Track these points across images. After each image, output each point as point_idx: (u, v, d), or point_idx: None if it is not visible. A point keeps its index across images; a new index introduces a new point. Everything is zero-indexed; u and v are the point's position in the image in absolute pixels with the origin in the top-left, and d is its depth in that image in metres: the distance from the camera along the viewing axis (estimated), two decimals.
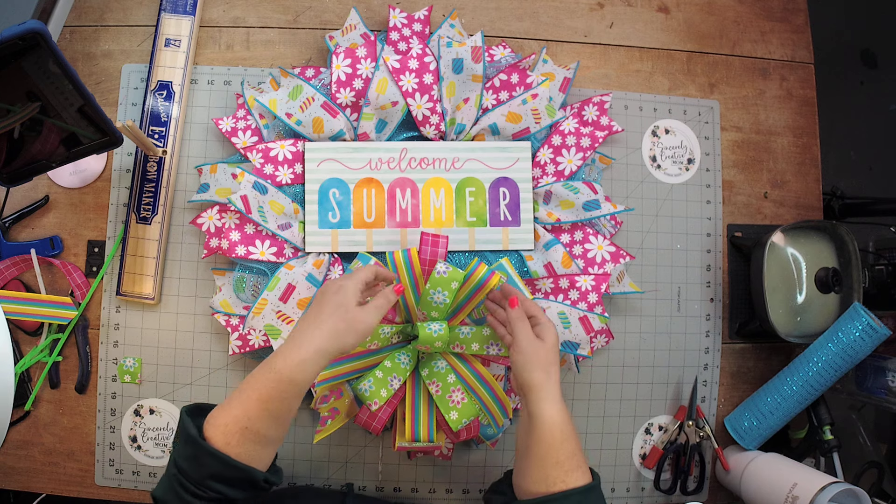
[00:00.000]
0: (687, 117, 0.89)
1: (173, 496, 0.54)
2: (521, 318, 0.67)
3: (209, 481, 0.53)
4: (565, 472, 0.59)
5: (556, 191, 0.80)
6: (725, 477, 0.84)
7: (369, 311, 0.62)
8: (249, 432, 0.55)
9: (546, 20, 0.89)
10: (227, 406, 0.57)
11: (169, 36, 0.82)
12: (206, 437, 0.55)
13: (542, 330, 0.66)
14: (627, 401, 0.85)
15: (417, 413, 0.74)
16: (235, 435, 0.55)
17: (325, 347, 0.59)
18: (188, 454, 0.54)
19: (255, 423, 0.55)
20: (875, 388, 0.86)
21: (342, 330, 0.60)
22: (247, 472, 0.55)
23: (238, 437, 0.55)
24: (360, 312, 0.61)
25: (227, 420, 0.56)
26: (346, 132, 0.79)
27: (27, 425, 0.81)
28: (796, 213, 0.91)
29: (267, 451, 0.58)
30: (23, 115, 0.64)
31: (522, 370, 0.64)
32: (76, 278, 0.80)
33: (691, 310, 0.87)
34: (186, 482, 0.53)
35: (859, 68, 1.87)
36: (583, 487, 0.59)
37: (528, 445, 0.62)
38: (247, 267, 0.78)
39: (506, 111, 0.80)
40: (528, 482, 0.61)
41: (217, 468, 0.54)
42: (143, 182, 0.81)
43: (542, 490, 0.59)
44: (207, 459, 0.54)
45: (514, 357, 0.65)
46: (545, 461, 0.60)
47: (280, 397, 0.56)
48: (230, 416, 0.56)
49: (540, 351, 0.65)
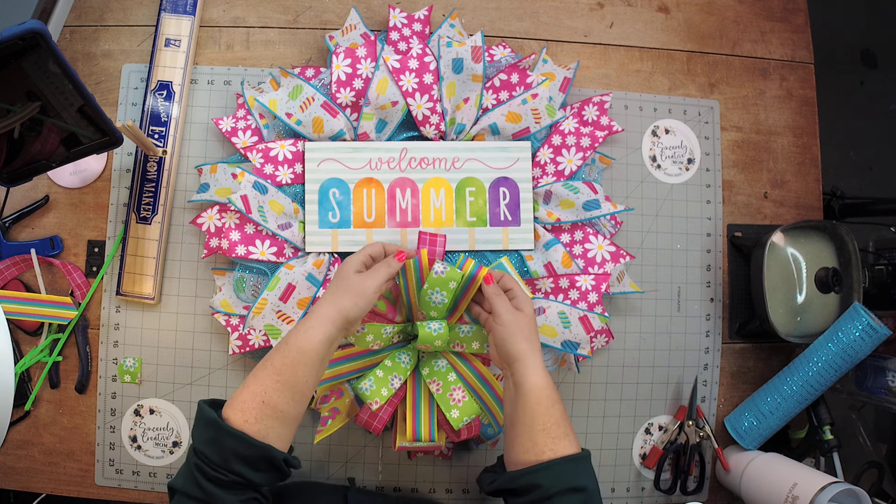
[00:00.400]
0: (687, 117, 0.89)
1: (193, 485, 0.54)
2: (497, 293, 0.69)
3: (230, 463, 0.53)
4: (553, 439, 0.60)
5: (556, 190, 0.80)
6: (725, 477, 0.84)
7: (369, 276, 0.66)
8: (267, 406, 0.56)
9: (546, 20, 0.89)
10: (244, 386, 0.58)
11: (169, 36, 0.82)
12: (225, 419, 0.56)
13: (520, 302, 0.68)
14: (627, 401, 0.85)
15: (418, 412, 0.74)
16: (253, 411, 0.56)
17: (326, 312, 0.62)
18: (208, 437, 0.55)
19: (272, 395, 0.57)
20: (875, 388, 0.86)
21: (341, 293, 0.64)
22: (266, 451, 0.55)
23: (256, 412, 0.56)
24: (358, 277, 0.65)
25: (245, 397, 0.57)
26: (346, 132, 0.79)
27: (27, 425, 0.81)
28: (796, 213, 0.91)
29: (285, 430, 0.58)
30: (23, 115, 0.64)
31: (505, 342, 0.65)
32: (76, 278, 0.80)
33: (691, 310, 0.87)
34: (207, 467, 0.53)
35: (859, 68, 1.87)
36: (572, 456, 0.59)
37: (514, 415, 0.63)
38: (247, 267, 0.78)
39: (506, 111, 0.80)
40: (517, 452, 0.61)
41: (237, 448, 0.54)
42: (143, 182, 0.81)
43: (531, 459, 0.60)
44: (227, 440, 0.54)
45: (496, 329, 0.66)
46: (532, 429, 0.60)
47: (292, 366, 0.58)
48: (248, 393, 0.57)
49: (521, 321, 0.66)
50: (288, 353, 0.59)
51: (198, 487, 0.53)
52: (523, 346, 0.64)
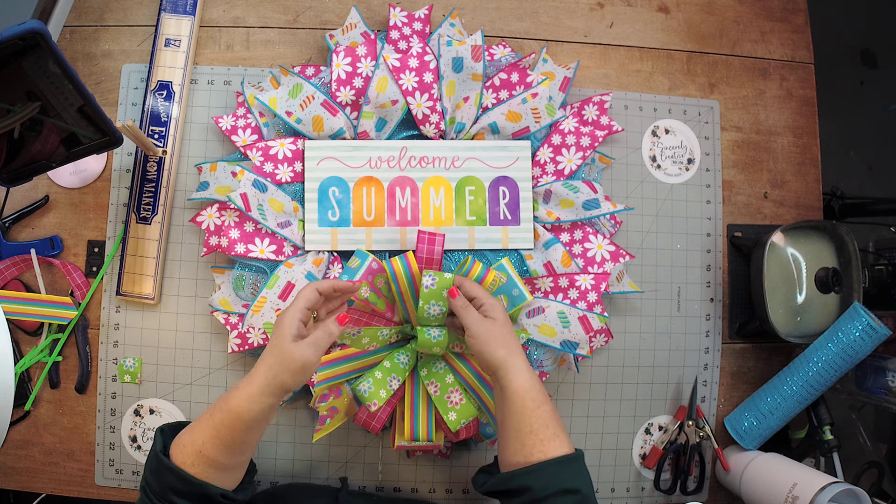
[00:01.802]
0: (687, 117, 0.89)
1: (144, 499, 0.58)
2: (464, 305, 0.67)
3: (168, 494, 0.57)
4: (541, 440, 0.59)
5: (555, 190, 0.80)
6: (725, 477, 0.84)
7: (307, 346, 0.59)
8: (203, 456, 0.58)
9: (546, 20, 0.89)
10: (190, 428, 0.60)
11: (169, 36, 0.82)
12: (170, 455, 0.59)
13: (489, 309, 0.66)
14: (627, 401, 0.85)
15: (416, 413, 0.74)
16: (191, 456, 0.58)
17: (264, 385, 0.58)
18: (152, 467, 0.59)
19: (208, 449, 0.58)
20: (875, 388, 0.86)
21: (276, 367, 0.58)
22: (202, 488, 0.57)
23: (193, 458, 0.58)
24: (294, 348, 0.58)
25: (186, 442, 0.59)
26: (345, 130, 0.79)
27: (27, 425, 0.81)
28: (796, 213, 0.91)
29: (226, 476, 0.60)
30: (23, 115, 0.64)
31: (482, 353, 0.64)
32: (76, 278, 0.80)
33: (691, 310, 0.87)
34: (151, 493, 0.58)
35: (859, 68, 1.87)
36: (563, 457, 0.59)
37: (502, 418, 0.63)
38: (246, 265, 0.78)
39: (506, 110, 0.80)
40: (507, 454, 0.61)
41: (174, 483, 0.57)
42: (143, 182, 0.81)
43: (520, 461, 0.60)
44: (167, 474, 0.57)
45: (470, 343, 0.65)
46: (520, 431, 0.60)
47: (230, 428, 0.58)
48: (189, 439, 0.59)
49: (492, 328, 0.65)
50: (228, 416, 0.58)
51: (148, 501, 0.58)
52: (500, 353, 0.63)
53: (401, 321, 0.76)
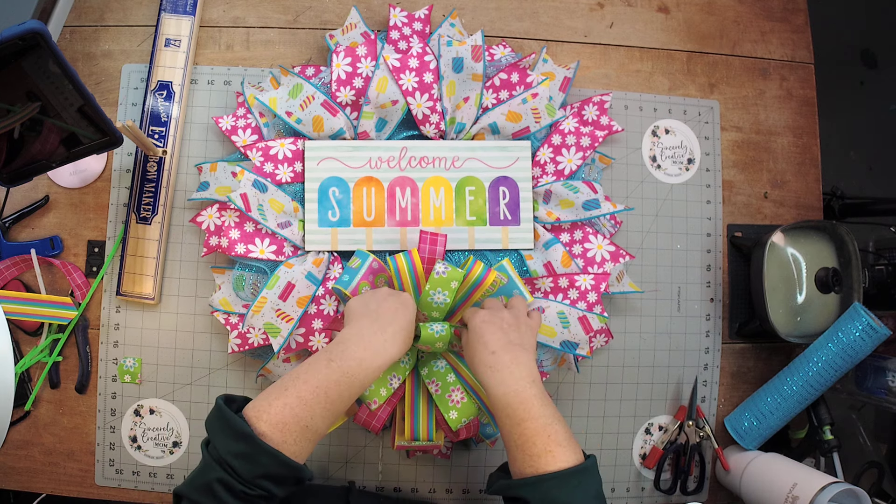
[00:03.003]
0: (687, 117, 0.89)
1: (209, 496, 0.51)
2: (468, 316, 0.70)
3: (261, 480, 0.51)
4: (529, 456, 0.57)
5: (555, 190, 0.80)
6: (725, 477, 0.84)
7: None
8: (309, 431, 0.55)
9: (546, 20, 0.89)
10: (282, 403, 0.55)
11: (169, 36, 0.82)
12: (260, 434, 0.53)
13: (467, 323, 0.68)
14: (627, 401, 0.85)
15: (417, 412, 0.74)
16: (294, 433, 0.54)
17: (396, 355, 0.62)
18: (239, 451, 0.51)
19: (317, 423, 0.56)
20: (875, 388, 0.86)
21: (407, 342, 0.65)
22: (299, 472, 0.54)
23: (297, 435, 0.54)
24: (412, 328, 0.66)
25: (286, 418, 0.54)
26: (346, 131, 0.79)
27: (27, 425, 0.81)
28: (796, 213, 0.91)
29: (313, 447, 0.58)
30: (23, 115, 0.64)
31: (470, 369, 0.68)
32: (76, 278, 0.80)
33: (691, 310, 0.87)
34: (234, 480, 0.51)
35: (859, 68, 1.87)
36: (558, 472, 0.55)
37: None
38: (246, 265, 0.78)
39: (506, 110, 0.80)
40: (510, 461, 0.61)
41: (273, 468, 0.52)
42: (143, 182, 0.81)
43: (516, 471, 0.59)
44: (264, 458, 0.52)
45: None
46: (508, 444, 0.60)
47: (349, 399, 0.58)
48: (289, 414, 0.54)
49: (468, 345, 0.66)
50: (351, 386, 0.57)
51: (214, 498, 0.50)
52: (477, 368, 0.64)
53: None
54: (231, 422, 0.53)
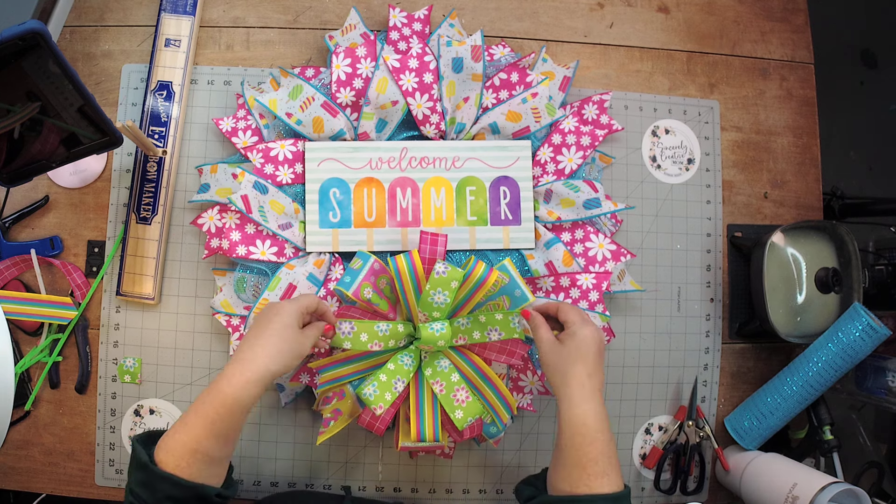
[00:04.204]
0: (687, 117, 0.89)
1: None
2: (537, 325, 0.71)
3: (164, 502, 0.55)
4: (588, 475, 0.60)
5: (556, 189, 0.80)
6: (725, 477, 0.84)
7: (306, 336, 0.65)
8: (199, 454, 0.57)
9: (546, 20, 0.89)
10: (175, 431, 0.58)
11: (169, 36, 0.82)
12: (157, 462, 0.56)
13: (565, 335, 0.69)
14: (627, 401, 0.85)
15: (422, 413, 0.74)
16: (185, 458, 0.57)
17: (269, 368, 0.60)
18: (141, 480, 0.56)
19: (204, 445, 0.57)
20: (875, 388, 0.86)
21: (286, 351, 0.62)
22: (199, 490, 0.56)
23: (188, 459, 0.57)
24: (300, 335, 0.64)
25: (176, 445, 0.57)
26: (346, 132, 0.79)
27: (27, 425, 0.81)
28: (796, 213, 0.91)
29: (217, 470, 0.60)
30: (23, 115, 0.64)
31: (547, 376, 0.68)
32: (76, 278, 0.80)
33: (691, 310, 0.87)
34: None
35: (859, 68, 1.87)
36: (608, 495, 0.59)
37: (556, 443, 0.64)
38: (247, 267, 0.78)
39: (506, 110, 0.80)
40: (555, 477, 0.63)
41: (170, 490, 0.55)
42: (143, 182, 0.81)
43: (566, 489, 0.61)
44: (160, 483, 0.55)
45: (541, 363, 0.69)
46: (567, 461, 0.62)
47: (228, 418, 0.58)
48: (178, 441, 0.57)
49: (553, 356, 0.67)
50: (224, 405, 0.58)
51: None
52: (557, 380, 0.66)
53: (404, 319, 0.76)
54: (135, 454, 0.58)
